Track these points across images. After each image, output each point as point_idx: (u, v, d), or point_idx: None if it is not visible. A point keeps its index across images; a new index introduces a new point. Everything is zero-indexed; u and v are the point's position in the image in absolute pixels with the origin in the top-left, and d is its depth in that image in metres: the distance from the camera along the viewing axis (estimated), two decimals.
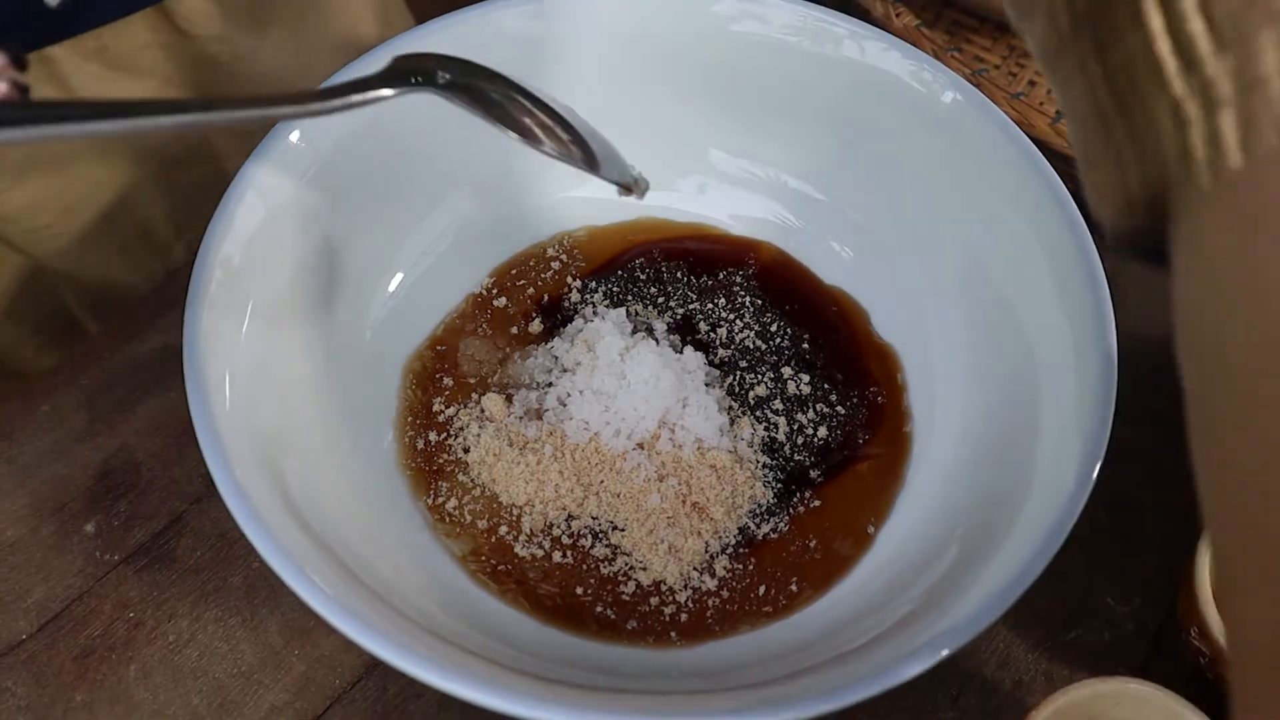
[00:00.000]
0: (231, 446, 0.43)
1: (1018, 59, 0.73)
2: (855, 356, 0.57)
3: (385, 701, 0.49)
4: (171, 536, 0.53)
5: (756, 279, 0.59)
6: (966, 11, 0.75)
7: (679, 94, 0.59)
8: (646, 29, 0.57)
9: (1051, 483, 0.44)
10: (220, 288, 0.47)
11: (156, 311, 0.60)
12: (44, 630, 0.50)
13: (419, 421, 0.54)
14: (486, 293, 0.59)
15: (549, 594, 0.49)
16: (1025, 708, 0.43)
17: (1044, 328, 0.50)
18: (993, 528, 0.45)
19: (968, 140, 0.54)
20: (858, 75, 0.56)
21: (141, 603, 0.51)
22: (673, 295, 0.59)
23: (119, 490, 0.54)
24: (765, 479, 0.53)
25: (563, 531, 0.51)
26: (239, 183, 0.49)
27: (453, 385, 0.55)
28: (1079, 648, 0.51)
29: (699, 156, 0.61)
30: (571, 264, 0.60)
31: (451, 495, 0.52)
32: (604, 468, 0.51)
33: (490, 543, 0.50)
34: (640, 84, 0.59)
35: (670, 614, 0.49)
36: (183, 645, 0.50)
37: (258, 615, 0.51)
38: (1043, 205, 0.50)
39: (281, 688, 0.49)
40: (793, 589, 0.50)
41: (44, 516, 0.53)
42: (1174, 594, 0.51)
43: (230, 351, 0.46)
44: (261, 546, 0.40)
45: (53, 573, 0.52)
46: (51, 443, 0.55)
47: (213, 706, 0.49)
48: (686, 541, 0.50)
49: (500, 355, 0.56)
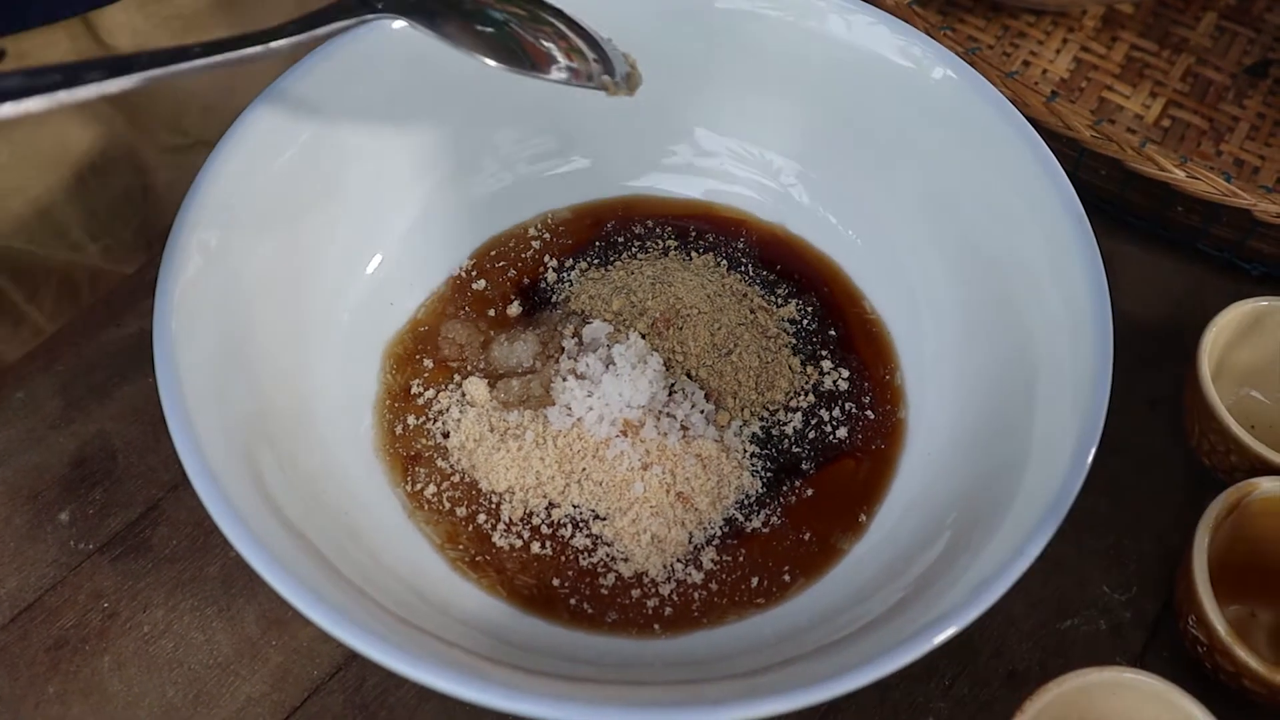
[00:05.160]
0: (204, 433, 0.42)
1: (1012, 39, 0.72)
2: (847, 338, 0.56)
3: (364, 693, 0.48)
4: (147, 525, 0.52)
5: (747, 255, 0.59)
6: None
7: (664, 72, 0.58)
8: (631, 6, 0.56)
9: (1046, 468, 0.43)
10: (194, 271, 0.46)
11: (134, 296, 0.59)
12: (16, 621, 0.49)
13: (398, 405, 0.53)
14: (466, 275, 0.58)
15: (526, 585, 0.48)
16: (1020, 697, 0.42)
17: (1039, 309, 0.49)
18: (986, 514, 0.45)
19: (960, 118, 0.53)
20: (845, 51, 0.56)
21: (116, 593, 0.50)
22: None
23: (94, 478, 0.53)
24: (753, 468, 0.52)
25: (542, 521, 0.50)
26: (212, 163, 0.48)
27: (433, 368, 0.54)
28: (1075, 637, 0.50)
29: (685, 135, 0.61)
30: (554, 242, 0.59)
31: (430, 481, 0.51)
32: (587, 455, 0.50)
33: (468, 531, 0.50)
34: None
35: (653, 607, 0.48)
36: (158, 636, 0.49)
37: (234, 605, 0.50)
38: (1038, 184, 0.50)
39: (259, 679, 0.48)
40: (785, 579, 0.49)
41: (17, 505, 0.52)
42: (1171, 583, 0.51)
43: (204, 336, 0.45)
44: (234, 537, 0.39)
45: (26, 562, 0.51)
46: (25, 430, 0.55)
47: (188, 698, 0.48)
48: (670, 532, 0.49)
49: (482, 338, 0.55)
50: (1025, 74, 0.69)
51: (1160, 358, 0.58)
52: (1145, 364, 0.58)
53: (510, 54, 0.44)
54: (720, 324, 0.54)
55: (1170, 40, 0.72)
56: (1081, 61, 0.71)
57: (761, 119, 0.59)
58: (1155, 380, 0.58)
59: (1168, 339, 0.59)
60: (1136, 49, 0.72)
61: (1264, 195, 0.59)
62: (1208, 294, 0.61)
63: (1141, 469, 0.55)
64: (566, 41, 0.46)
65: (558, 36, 0.46)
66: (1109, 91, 0.70)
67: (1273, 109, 0.69)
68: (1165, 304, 0.62)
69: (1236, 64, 0.71)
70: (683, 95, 0.59)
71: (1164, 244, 0.64)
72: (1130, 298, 0.61)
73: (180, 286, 0.45)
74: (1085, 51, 0.71)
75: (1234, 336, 0.54)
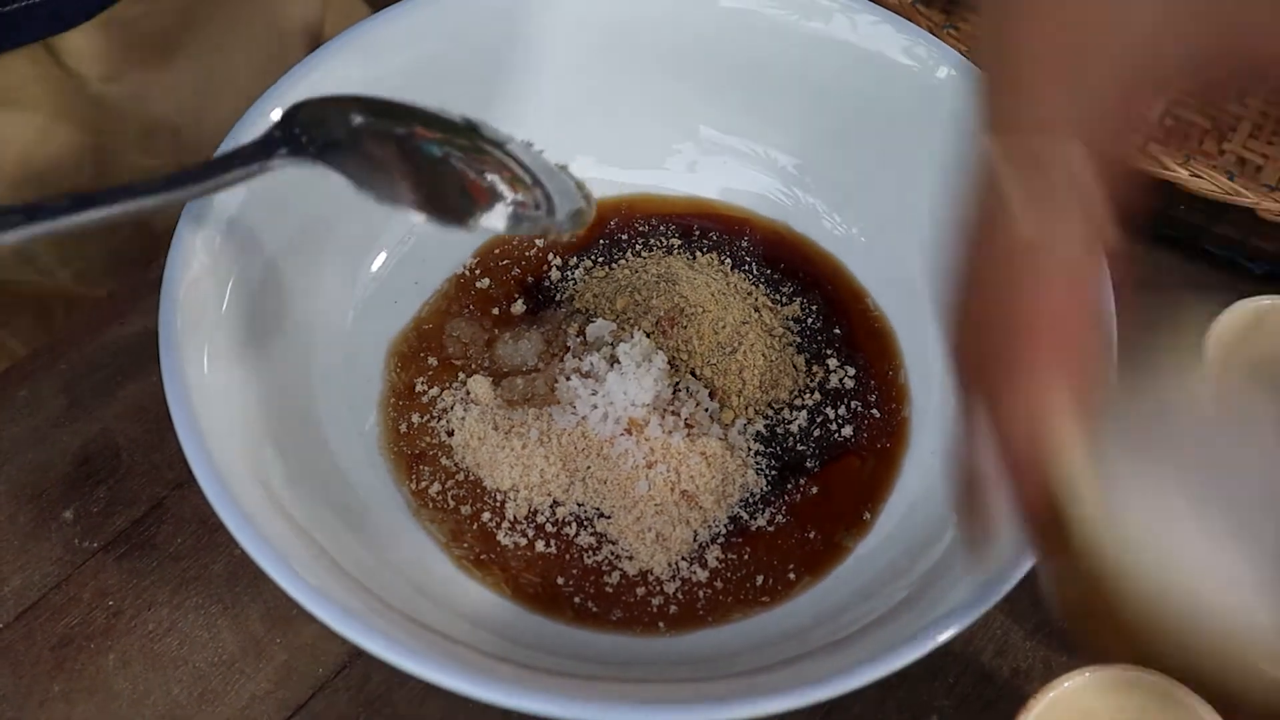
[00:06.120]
0: (209, 431, 0.42)
1: None
2: (851, 336, 0.56)
3: (369, 690, 0.48)
4: (152, 523, 0.52)
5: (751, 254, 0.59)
6: None
7: (669, 70, 0.58)
8: (636, 4, 0.56)
9: None
10: (200, 269, 0.46)
11: (138, 294, 0.59)
12: (21, 619, 0.49)
13: (402, 403, 0.53)
14: (470, 273, 0.57)
15: (530, 583, 0.48)
16: (1023, 695, 0.42)
17: None
18: None
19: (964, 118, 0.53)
20: (849, 50, 0.56)
21: (121, 591, 0.50)
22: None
23: (98, 476, 0.53)
24: (758, 466, 0.52)
25: (547, 519, 0.50)
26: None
27: (437, 366, 0.54)
28: None
29: (689, 133, 0.60)
30: (558, 241, 0.59)
31: (434, 479, 0.51)
32: (591, 453, 0.50)
33: (473, 529, 0.50)
34: (630, 60, 0.58)
35: (658, 605, 0.48)
36: (163, 634, 0.49)
37: (239, 603, 0.50)
38: None
39: (263, 676, 0.48)
40: (790, 577, 0.49)
41: (21, 503, 0.52)
42: None
43: (209, 333, 0.45)
44: (240, 534, 0.39)
45: (30, 561, 0.51)
46: (29, 428, 0.54)
47: (193, 696, 0.48)
48: (674, 530, 0.49)
49: (487, 337, 0.55)
50: None
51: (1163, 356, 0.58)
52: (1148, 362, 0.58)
53: (441, 199, 0.41)
54: (724, 322, 0.54)
55: None
56: None
57: (765, 117, 0.59)
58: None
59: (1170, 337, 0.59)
60: None
61: (1267, 194, 0.59)
62: (1211, 293, 0.61)
63: None
64: (510, 172, 0.44)
65: (500, 168, 0.44)
66: None
67: (1276, 108, 0.69)
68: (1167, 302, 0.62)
69: None
70: (687, 93, 0.59)
71: (1167, 242, 0.64)
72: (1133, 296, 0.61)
73: (185, 284, 0.45)
74: None
75: (1237, 335, 0.54)
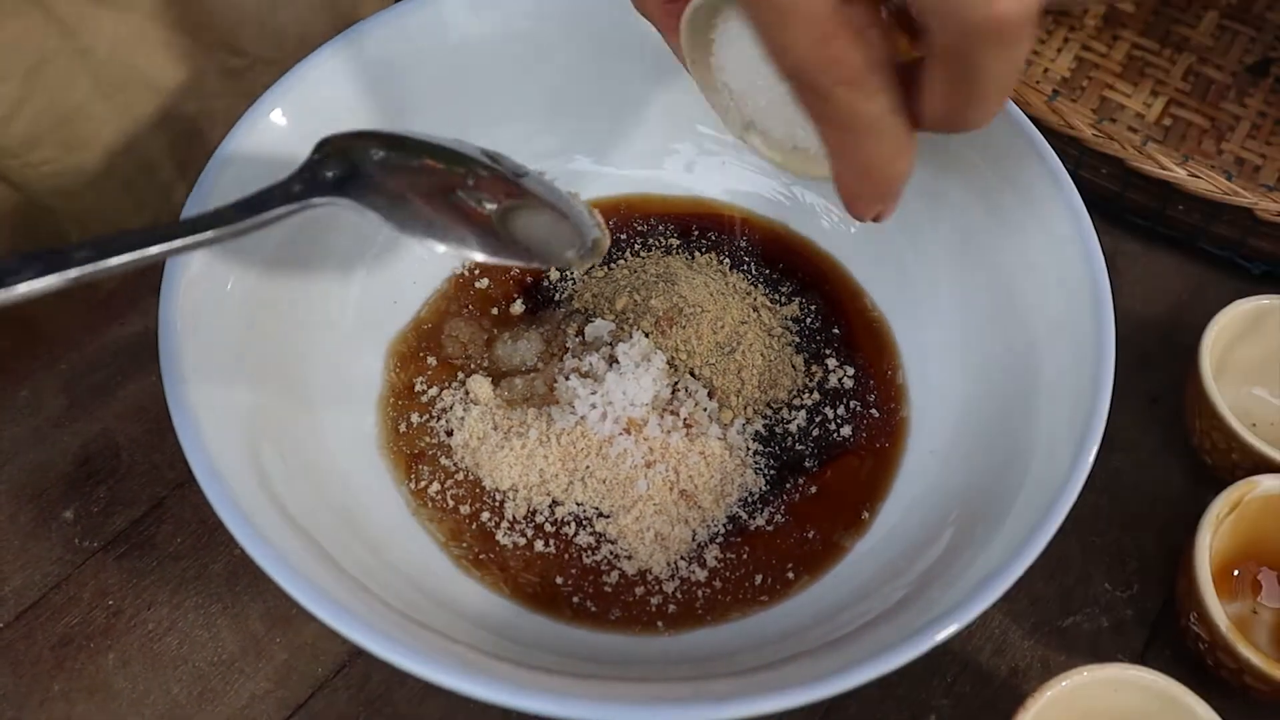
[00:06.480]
0: (208, 431, 0.42)
1: None
2: (850, 336, 0.56)
3: (369, 689, 0.48)
4: (151, 523, 0.52)
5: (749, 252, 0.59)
6: None
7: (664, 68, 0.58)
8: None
9: (1047, 465, 0.43)
10: (199, 269, 0.46)
11: (137, 294, 0.59)
12: (21, 619, 0.49)
13: (402, 403, 0.53)
14: (469, 272, 0.57)
15: (529, 582, 0.48)
16: (1022, 695, 0.42)
17: (1041, 308, 0.49)
18: (988, 511, 0.45)
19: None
20: None
21: (121, 590, 0.50)
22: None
23: (98, 476, 0.53)
24: (757, 466, 0.52)
25: (546, 519, 0.50)
26: (218, 158, 0.48)
27: (436, 365, 0.54)
28: (1076, 634, 0.50)
29: (686, 132, 0.60)
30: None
31: (434, 479, 0.51)
32: (590, 453, 0.50)
33: (472, 529, 0.50)
34: (626, 59, 0.57)
35: (657, 604, 0.48)
36: (163, 633, 0.49)
37: (239, 602, 0.50)
38: (1039, 183, 0.50)
39: (263, 676, 0.48)
40: (789, 576, 0.49)
41: (22, 503, 0.52)
42: (1172, 579, 0.51)
43: (208, 334, 0.45)
44: (239, 534, 0.39)
45: (30, 560, 0.51)
46: (30, 428, 0.55)
47: (193, 695, 0.48)
48: (673, 530, 0.49)
49: (486, 336, 0.55)
50: (1027, 73, 0.69)
51: (1161, 356, 0.59)
52: (1146, 362, 0.59)
53: (472, 233, 0.41)
54: (723, 322, 0.54)
55: (1171, 39, 0.73)
56: (1083, 60, 0.71)
57: None
58: (1156, 378, 0.58)
59: (1169, 337, 0.59)
60: (1138, 48, 0.72)
61: (1265, 194, 0.59)
62: (1209, 292, 0.62)
63: (1143, 467, 0.55)
64: (533, 202, 0.44)
65: (522, 197, 0.44)
66: (1110, 90, 0.70)
67: (1274, 108, 0.69)
68: (1166, 302, 0.62)
69: (1237, 63, 0.71)
70: (685, 93, 0.59)
71: (1165, 242, 0.64)
72: (1131, 296, 0.62)
73: (184, 284, 0.45)
74: (1086, 51, 0.72)
75: (1235, 335, 0.54)
